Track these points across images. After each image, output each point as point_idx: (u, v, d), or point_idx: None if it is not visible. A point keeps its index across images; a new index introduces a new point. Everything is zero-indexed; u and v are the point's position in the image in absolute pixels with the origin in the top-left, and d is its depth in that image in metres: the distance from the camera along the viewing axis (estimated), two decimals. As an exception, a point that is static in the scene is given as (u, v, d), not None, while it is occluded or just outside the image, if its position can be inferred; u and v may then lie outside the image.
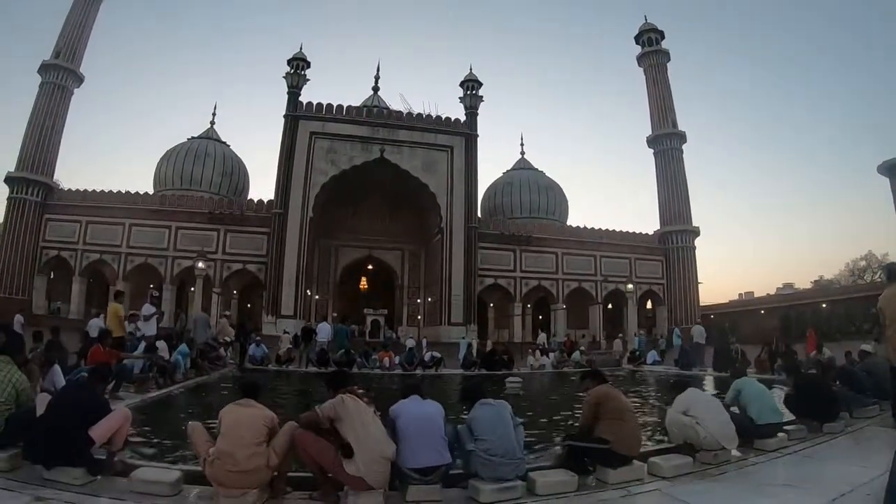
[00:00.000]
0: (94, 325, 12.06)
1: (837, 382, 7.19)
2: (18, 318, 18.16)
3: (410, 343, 21.09)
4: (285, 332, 22.14)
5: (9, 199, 37.20)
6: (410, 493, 3.63)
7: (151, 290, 17.12)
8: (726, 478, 4.30)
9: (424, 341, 27.05)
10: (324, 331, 19.29)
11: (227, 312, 20.18)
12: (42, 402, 4.18)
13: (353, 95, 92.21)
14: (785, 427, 5.56)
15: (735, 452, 4.86)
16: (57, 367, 6.48)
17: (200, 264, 24.98)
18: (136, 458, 4.58)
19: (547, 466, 4.29)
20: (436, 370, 16.43)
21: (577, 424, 5.04)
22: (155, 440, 5.84)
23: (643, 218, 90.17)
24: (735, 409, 5.42)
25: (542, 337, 26.78)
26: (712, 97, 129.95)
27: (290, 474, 3.85)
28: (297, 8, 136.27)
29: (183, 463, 4.41)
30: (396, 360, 16.84)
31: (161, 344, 10.67)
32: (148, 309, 11.91)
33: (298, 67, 38.30)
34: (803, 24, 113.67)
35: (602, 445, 4.09)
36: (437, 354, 17.60)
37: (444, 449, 3.76)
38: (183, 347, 11.66)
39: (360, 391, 4.02)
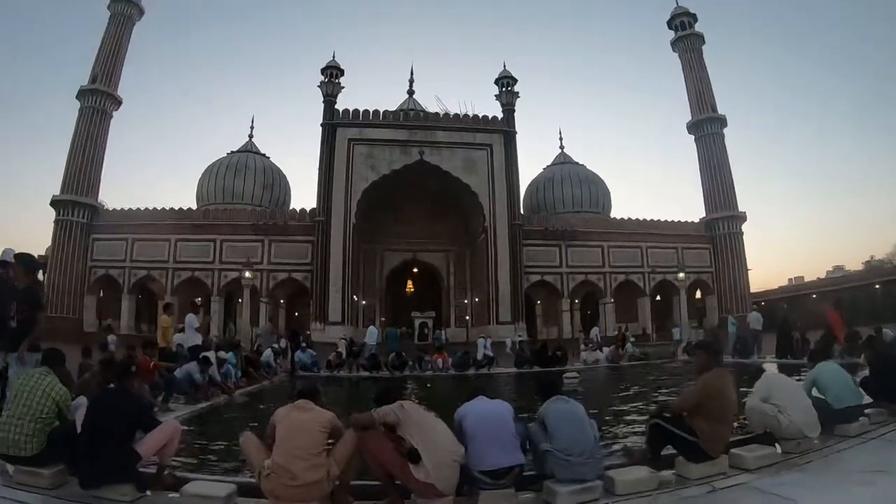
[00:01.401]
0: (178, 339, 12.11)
1: None
2: (112, 338, 18.45)
3: (482, 343, 20.79)
4: (342, 338, 22.08)
5: (56, 221, 38.07)
6: (483, 499, 3.40)
7: (193, 300, 17.06)
8: (812, 467, 4.04)
9: (488, 341, 26.69)
10: (372, 335, 19.11)
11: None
12: (79, 408, 4.04)
13: (388, 100, 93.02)
14: (865, 411, 5.26)
15: (816, 440, 4.55)
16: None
17: (248, 273, 25.13)
18: (189, 471, 4.44)
19: (619, 464, 4.06)
20: (488, 370, 16.29)
21: (657, 403, 4.73)
22: (208, 452, 5.69)
23: (688, 206, 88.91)
24: (815, 393, 5.13)
25: (594, 331, 26.19)
26: (752, 77, 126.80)
27: (352, 482, 3.66)
28: (328, 17, 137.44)
29: (236, 475, 4.25)
30: (449, 361, 16.62)
31: (210, 354, 10.62)
32: (190, 319, 11.82)
33: (332, 75, 38.44)
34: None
35: (691, 438, 3.81)
36: (490, 354, 17.40)
37: (515, 449, 3.51)
38: (230, 356, 11.60)
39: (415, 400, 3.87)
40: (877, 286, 45.44)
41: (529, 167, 74.40)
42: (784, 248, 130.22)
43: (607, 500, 3.47)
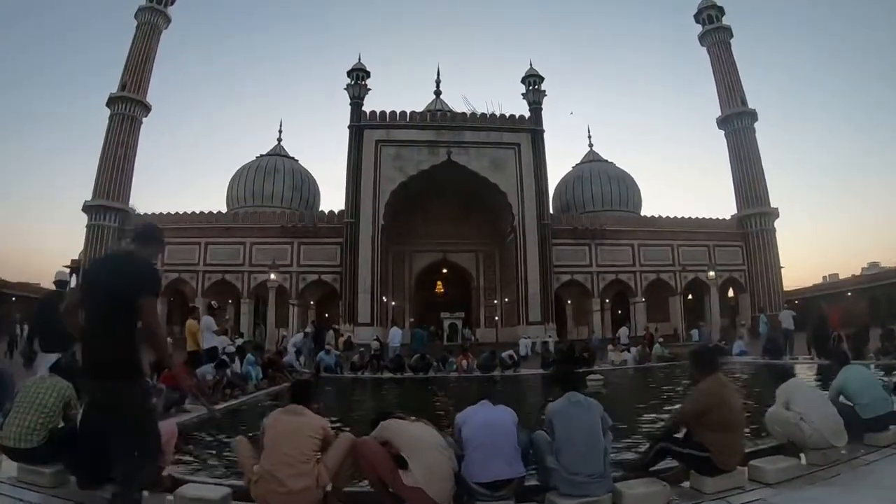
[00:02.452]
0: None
1: None
2: None
3: (525, 343, 20.55)
4: (376, 339, 22.09)
5: (88, 226, 38.80)
6: None
7: (211, 302, 16.98)
8: (840, 481, 3.69)
9: (529, 341, 26.44)
10: (395, 336, 19.00)
11: (312, 320, 20.22)
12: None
13: (415, 101, 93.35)
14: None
15: (843, 450, 4.24)
16: None
17: (273, 276, 25.21)
18: (190, 473, 4.41)
19: (631, 476, 3.78)
20: (514, 371, 15.98)
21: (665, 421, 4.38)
22: (216, 455, 5.59)
23: (719, 203, 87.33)
24: (842, 399, 4.81)
25: (622, 331, 25.80)
26: (782, 72, 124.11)
27: (347, 489, 3.54)
28: (354, 19, 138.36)
29: (239, 479, 4.09)
30: (474, 362, 16.24)
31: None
32: (207, 322, 11.78)
33: (359, 78, 38.51)
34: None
35: (702, 453, 3.55)
36: (515, 355, 17.07)
37: (516, 460, 3.32)
38: (249, 357, 11.60)
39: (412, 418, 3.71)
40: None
41: (558, 166, 74.19)
42: (818, 244, 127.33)
43: (614, 516, 3.28)
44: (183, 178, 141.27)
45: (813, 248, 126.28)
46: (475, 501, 3.25)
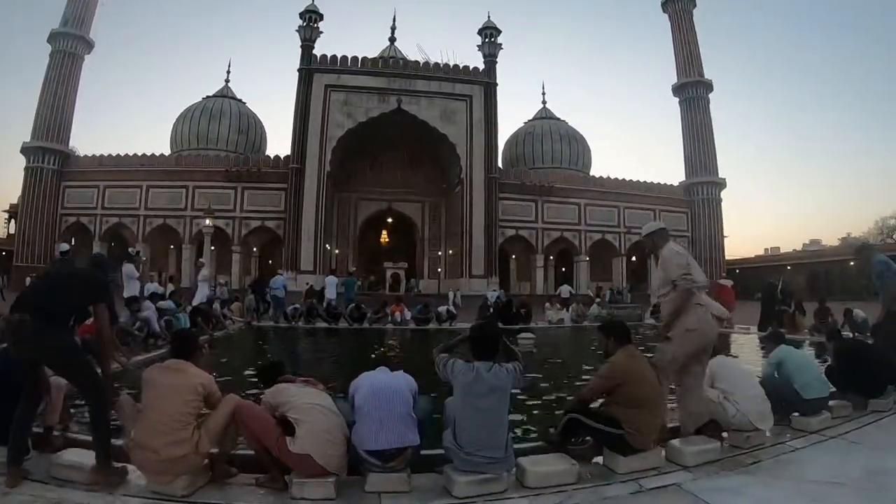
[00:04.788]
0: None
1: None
2: None
3: (492, 295, 20.30)
4: (308, 285, 21.71)
5: (26, 168, 37.59)
6: (370, 483, 2.99)
7: (128, 249, 16.13)
8: (761, 468, 3.47)
9: (458, 294, 26.41)
10: (331, 285, 18.69)
11: (202, 260, 19.38)
12: None
13: (369, 47, 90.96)
14: (829, 403, 4.68)
15: (769, 433, 4.03)
16: None
17: (208, 222, 24.46)
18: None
19: (540, 449, 3.54)
20: (450, 325, 15.63)
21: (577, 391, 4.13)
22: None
23: (668, 169, 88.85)
24: (776, 376, 4.61)
25: (563, 289, 25.73)
26: (740, 46, 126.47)
27: (240, 452, 3.26)
28: None
29: None
30: (409, 314, 15.91)
31: (147, 304, 10.15)
32: (128, 269, 11.14)
33: (311, 20, 37.37)
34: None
35: (615, 430, 3.32)
36: (453, 309, 16.77)
37: (409, 429, 3.10)
38: (170, 304, 11.29)
39: (309, 379, 3.48)
40: (851, 262, 45.96)
41: (511, 121, 73.70)
42: (762, 217, 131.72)
43: (515, 494, 3.02)
44: (126, 119, 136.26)
45: (757, 222, 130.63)
46: (366, 470, 3.05)
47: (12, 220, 46.64)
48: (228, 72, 48.87)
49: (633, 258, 42.60)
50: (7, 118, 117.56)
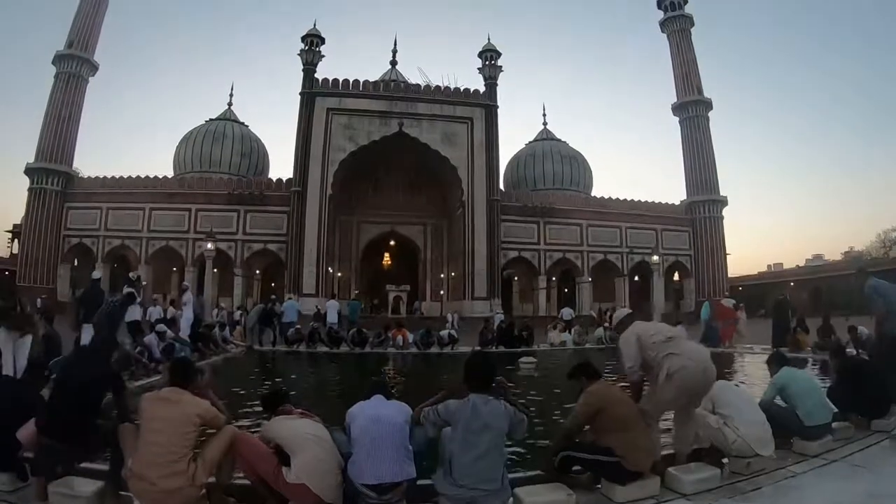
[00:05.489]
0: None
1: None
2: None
3: (499, 318, 20.26)
4: (316, 308, 21.67)
5: (30, 189, 37.48)
6: None
7: (128, 274, 16.10)
8: (761, 495, 3.42)
9: (456, 316, 26.41)
10: (332, 309, 18.64)
11: (186, 283, 19.39)
12: None
13: (370, 70, 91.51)
14: (832, 425, 4.62)
15: (770, 456, 3.99)
16: (23, 340, 5.94)
17: (210, 245, 24.51)
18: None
19: (539, 478, 3.53)
20: (452, 349, 15.67)
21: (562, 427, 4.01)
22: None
23: (670, 188, 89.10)
24: (779, 401, 4.57)
25: (565, 311, 25.63)
26: (739, 63, 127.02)
27: (237, 483, 3.29)
28: None
29: None
30: (411, 338, 15.90)
31: (160, 328, 10.31)
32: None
33: (313, 44, 37.68)
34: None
35: (609, 458, 3.33)
36: (454, 333, 16.76)
37: (406, 461, 3.12)
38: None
39: (306, 411, 3.54)
40: (853, 279, 45.90)
41: (512, 143, 73.86)
42: (764, 234, 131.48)
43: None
44: (129, 141, 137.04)
45: (759, 238, 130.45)
46: (363, 502, 3.06)
47: (15, 240, 46.78)
48: (231, 95, 49.36)
49: (636, 278, 42.49)
50: (11, 138, 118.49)
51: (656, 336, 3.92)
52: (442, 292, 41.04)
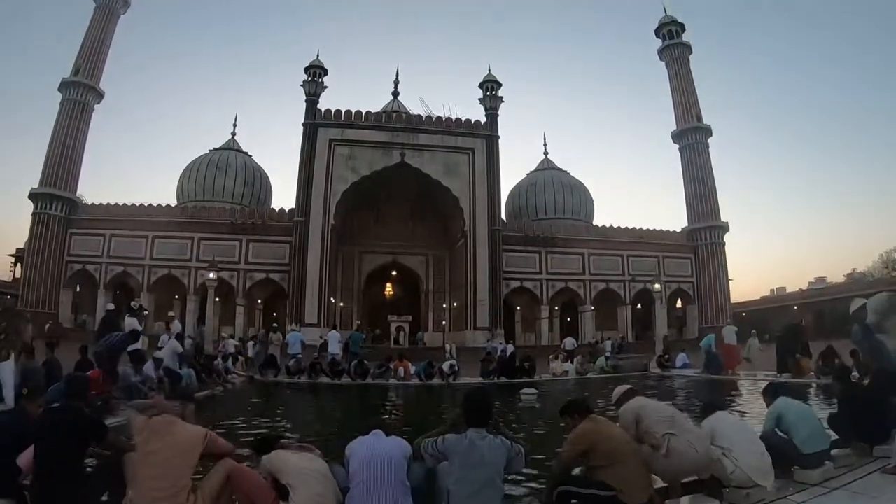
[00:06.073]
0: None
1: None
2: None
3: (501, 347, 20.09)
4: (322, 339, 21.42)
5: (34, 214, 37.54)
6: None
7: (130, 302, 16.11)
8: None
9: (453, 346, 26.28)
10: (333, 340, 18.61)
11: (171, 313, 19.34)
12: None
13: (373, 101, 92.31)
14: (831, 452, 4.63)
15: (770, 487, 3.96)
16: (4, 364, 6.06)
17: (212, 275, 24.46)
18: None
19: None
20: (453, 380, 15.64)
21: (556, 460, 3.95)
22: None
23: (671, 215, 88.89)
24: (777, 432, 4.56)
25: (567, 341, 25.45)
26: (738, 88, 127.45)
27: None
28: (314, 15, 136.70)
29: None
30: (412, 369, 15.91)
31: (158, 355, 10.44)
32: (131, 322, 11.18)
33: (315, 75, 38.17)
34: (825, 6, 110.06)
35: (606, 493, 3.32)
36: (456, 364, 16.59)
37: (403, 497, 3.13)
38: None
39: (304, 444, 3.57)
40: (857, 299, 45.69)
41: (513, 172, 74.21)
42: (769, 258, 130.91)
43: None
44: (133, 169, 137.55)
45: (762, 262, 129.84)
46: None
47: (18, 264, 46.90)
48: (235, 125, 49.76)
49: (639, 306, 42.40)
50: (16, 162, 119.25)
51: (655, 415, 3.93)
52: (444, 323, 41.01)
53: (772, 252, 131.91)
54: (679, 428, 3.86)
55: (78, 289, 38.30)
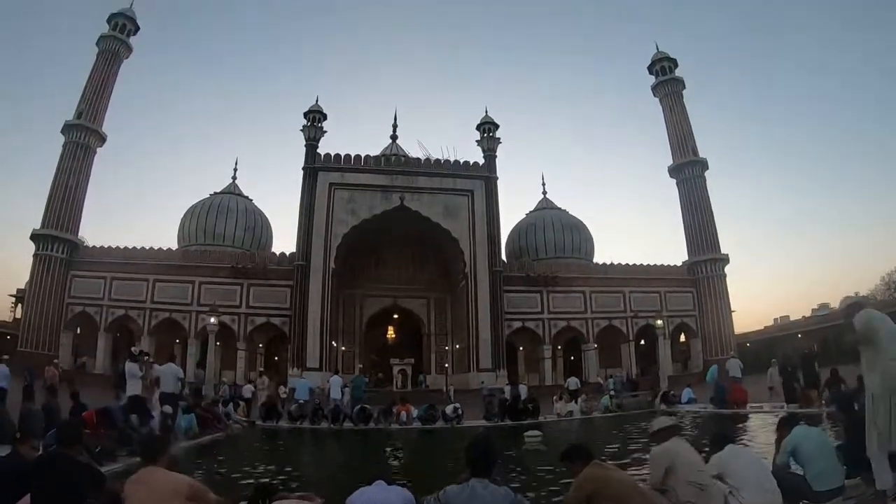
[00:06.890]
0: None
1: None
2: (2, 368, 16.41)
3: (512, 390, 20.07)
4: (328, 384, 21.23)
5: (35, 255, 37.52)
6: None
7: (132, 348, 16.07)
8: None
9: (451, 389, 26.18)
10: (335, 385, 18.54)
11: (146, 352, 19.48)
12: None
13: (371, 144, 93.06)
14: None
15: None
16: None
17: (213, 320, 24.40)
18: None
19: None
20: (457, 423, 15.59)
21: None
22: None
23: (671, 249, 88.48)
24: (792, 465, 4.44)
25: (571, 381, 25.33)
26: (732, 119, 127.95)
27: None
28: (313, 61, 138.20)
29: None
30: (415, 413, 15.88)
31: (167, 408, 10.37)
32: (131, 368, 10.91)
33: (315, 120, 38.64)
34: (814, 30, 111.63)
35: None
36: (459, 408, 16.52)
37: None
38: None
39: (305, 494, 3.58)
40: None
41: (513, 212, 74.49)
42: (771, 288, 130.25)
43: None
44: (135, 212, 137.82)
45: (764, 291, 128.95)
46: None
47: (19, 305, 46.76)
48: (235, 169, 49.95)
49: (642, 342, 42.20)
50: (18, 203, 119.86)
51: (685, 477, 3.82)
52: (447, 365, 40.75)
53: (774, 281, 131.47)
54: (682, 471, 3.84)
55: (78, 331, 38.18)
